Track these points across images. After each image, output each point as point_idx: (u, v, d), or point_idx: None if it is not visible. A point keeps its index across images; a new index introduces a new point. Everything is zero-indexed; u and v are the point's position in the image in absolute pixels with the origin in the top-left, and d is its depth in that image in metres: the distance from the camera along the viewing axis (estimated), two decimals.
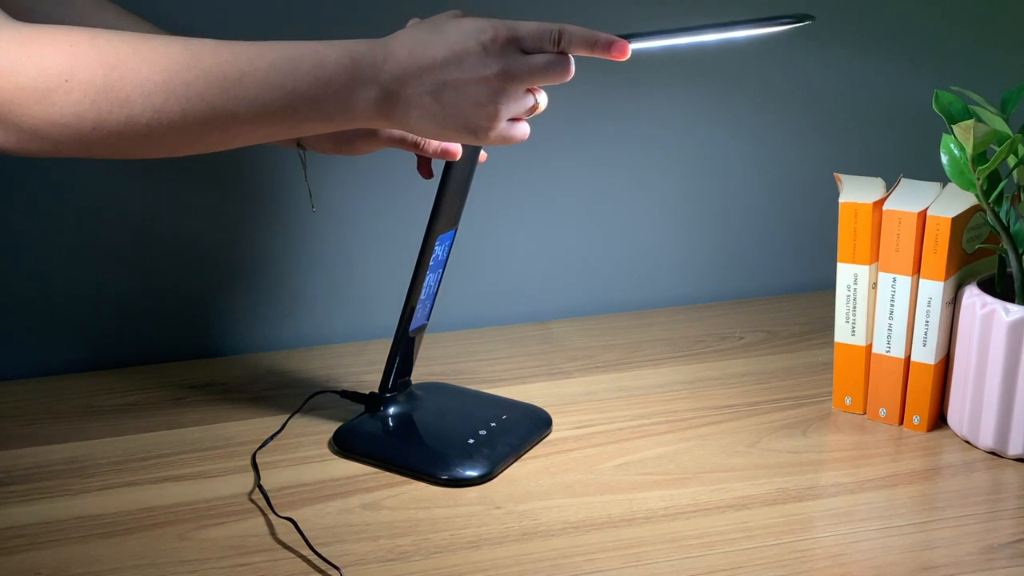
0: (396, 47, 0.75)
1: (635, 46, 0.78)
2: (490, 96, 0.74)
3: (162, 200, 1.11)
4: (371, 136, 0.89)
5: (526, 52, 0.75)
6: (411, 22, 0.79)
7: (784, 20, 0.79)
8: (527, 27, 0.75)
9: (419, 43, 0.75)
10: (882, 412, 0.99)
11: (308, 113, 0.74)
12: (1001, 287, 0.95)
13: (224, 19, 1.06)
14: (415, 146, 0.89)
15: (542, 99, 0.79)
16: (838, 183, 1.00)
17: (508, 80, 0.74)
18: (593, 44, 0.76)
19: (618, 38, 0.76)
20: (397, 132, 0.89)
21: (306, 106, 0.73)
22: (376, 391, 0.97)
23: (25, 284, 1.10)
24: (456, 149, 0.89)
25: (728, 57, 1.18)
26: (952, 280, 0.95)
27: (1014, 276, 0.92)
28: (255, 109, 0.73)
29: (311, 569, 0.78)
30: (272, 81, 0.72)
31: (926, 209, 0.94)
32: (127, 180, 1.09)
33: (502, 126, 0.77)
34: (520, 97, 0.76)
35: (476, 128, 0.75)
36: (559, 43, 0.75)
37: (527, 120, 0.79)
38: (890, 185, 1.00)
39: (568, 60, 0.76)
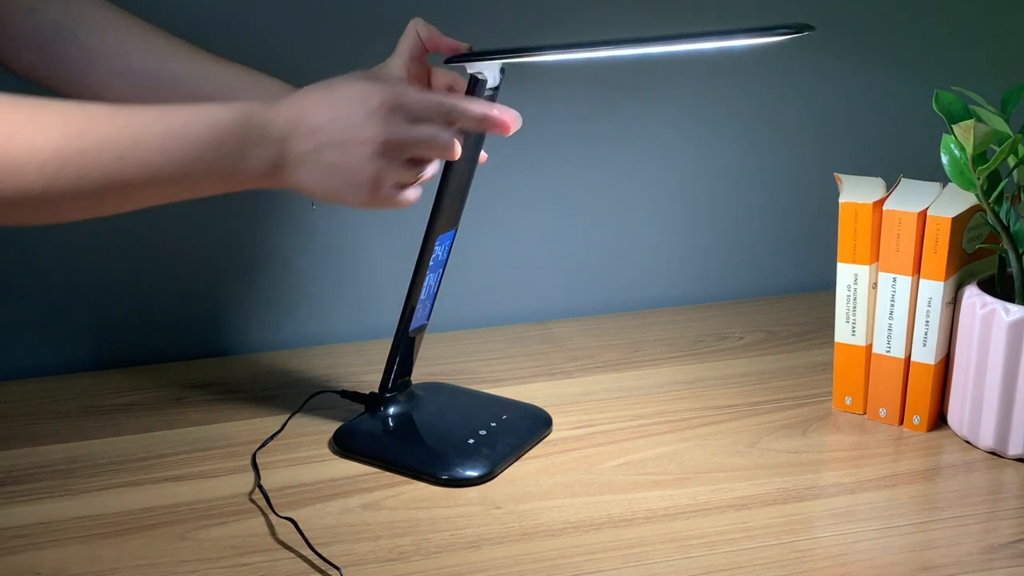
0: (286, 108, 0.76)
1: (631, 52, 0.79)
2: (369, 161, 0.76)
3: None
4: None
5: (414, 121, 0.76)
6: (308, 87, 0.80)
7: (782, 31, 0.79)
8: (416, 97, 0.76)
9: (309, 104, 0.76)
10: (882, 412, 0.99)
11: (201, 176, 0.74)
12: (1001, 287, 0.95)
13: (224, 19, 1.06)
14: None
15: (430, 170, 0.80)
16: (838, 183, 1.00)
17: (388, 148, 0.76)
18: (482, 121, 0.78)
19: (509, 116, 0.78)
20: None
21: (200, 169, 0.74)
22: (376, 391, 0.97)
23: (25, 284, 1.10)
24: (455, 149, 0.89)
25: (729, 58, 1.18)
26: (952, 280, 0.95)
27: (1014, 276, 0.92)
28: (149, 174, 0.73)
29: (311, 569, 0.78)
30: (166, 146, 0.73)
31: (926, 209, 0.94)
32: None
33: (385, 191, 0.78)
34: (402, 165, 0.77)
35: (358, 191, 0.77)
36: (449, 119, 0.77)
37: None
38: (890, 185, 1.00)
39: (454, 140, 0.78)
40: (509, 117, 0.79)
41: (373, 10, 1.08)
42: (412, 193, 0.80)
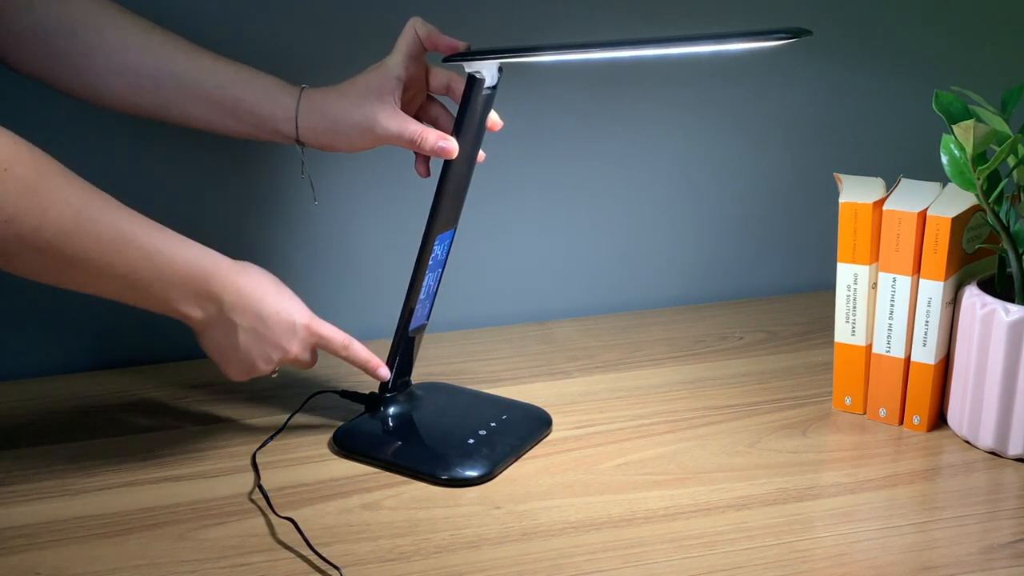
0: (249, 283, 0.87)
1: (629, 54, 0.80)
2: (267, 361, 0.89)
3: (162, 200, 1.10)
4: (368, 132, 0.89)
5: (310, 351, 0.92)
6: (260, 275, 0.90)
7: (780, 35, 0.79)
8: (328, 334, 0.91)
9: (268, 291, 0.88)
10: (882, 412, 0.99)
11: (154, 295, 0.84)
12: (1001, 287, 0.95)
13: (223, 18, 1.06)
14: (412, 143, 0.89)
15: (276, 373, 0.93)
16: (838, 183, 1.00)
17: (289, 358, 0.90)
18: (362, 365, 0.94)
19: (381, 367, 0.95)
20: (395, 128, 0.89)
21: (160, 289, 0.84)
22: (376, 391, 0.97)
23: (25, 284, 1.10)
24: (452, 147, 0.89)
25: (729, 59, 1.18)
26: (952, 280, 0.95)
27: (1014, 276, 0.92)
28: (126, 270, 0.81)
29: (311, 569, 0.78)
30: (152, 257, 0.82)
31: (926, 209, 0.94)
32: (127, 180, 1.08)
33: (249, 375, 0.91)
34: (277, 364, 0.90)
35: (239, 371, 0.90)
36: (343, 353, 0.93)
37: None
38: (890, 185, 1.00)
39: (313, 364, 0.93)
40: (383, 370, 0.95)
41: (372, 9, 1.08)
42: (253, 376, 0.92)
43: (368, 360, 0.93)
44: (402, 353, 0.96)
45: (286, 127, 0.91)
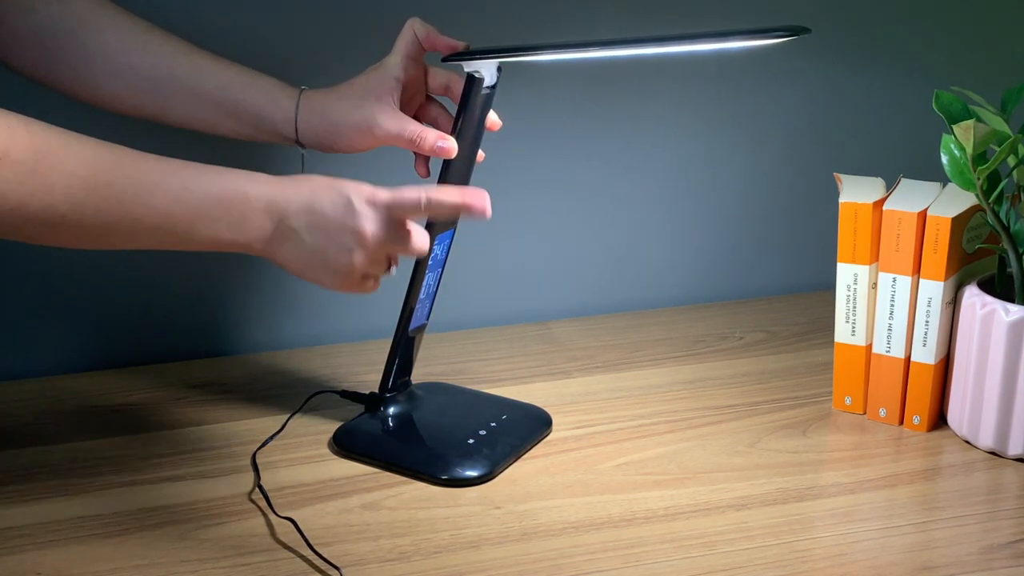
0: (291, 187, 0.80)
1: (628, 53, 0.80)
2: (350, 252, 0.80)
3: None
4: (368, 133, 0.90)
5: (398, 224, 0.81)
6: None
7: (779, 33, 0.79)
8: (404, 198, 0.80)
9: (311, 188, 0.81)
10: (882, 412, 0.99)
11: (203, 231, 0.79)
12: (1001, 287, 0.95)
13: (222, 19, 1.06)
14: (411, 143, 0.89)
15: (394, 269, 0.85)
16: (838, 183, 1.00)
17: (371, 244, 0.80)
18: (455, 209, 0.81)
19: (480, 200, 0.81)
20: (394, 128, 0.89)
21: (203, 225, 0.78)
22: (376, 391, 0.97)
23: (25, 284, 1.10)
24: (451, 147, 0.89)
25: (729, 58, 1.18)
26: (952, 280, 0.95)
27: (1014, 276, 0.92)
28: (160, 220, 0.77)
29: (311, 569, 0.78)
30: (181, 196, 0.77)
31: (926, 209, 0.94)
32: None
33: (355, 280, 0.83)
34: (376, 261, 0.82)
35: (332, 276, 0.82)
36: (428, 213, 0.82)
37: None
38: (890, 185, 1.00)
39: (427, 243, 0.83)
40: (481, 201, 0.82)
41: (371, 9, 1.08)
42: (376, 285, 0.85)
43: (462, 199, 0.81)
44: (402, 353, 0.96)
45: (286, 128, 0.91)
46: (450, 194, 0.81)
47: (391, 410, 0.97)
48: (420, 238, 0.82)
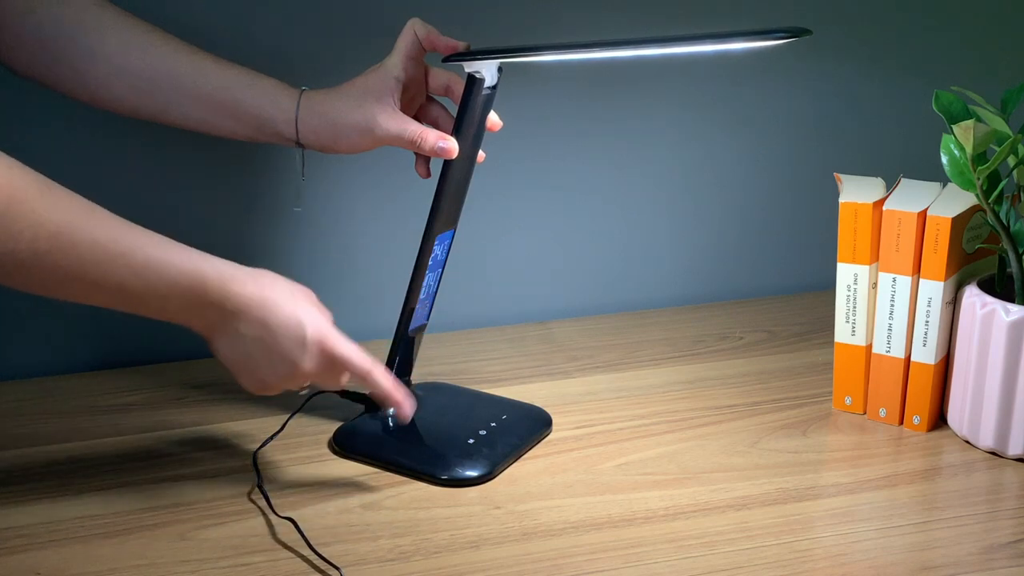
0: (251, 287, 0.81)
1: (629, 54, 0.79)
2: (281, 375, 0.83)
3: (162, 200, 1.10)
4: (368, 133, 0.90)
5: (332, 368, 0.83)
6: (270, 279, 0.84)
7: (779, 35, 0.79)
8: (345, 351, 0.83)
9: (270, 298, 0.82)
10: (882, 412, 0.99)
11: (154, 306, 0.80)
12: (1001, 287, 0.95)
13: (223, 19, 1.06)
14: (412, 144, 0.89)
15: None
16: (838, 183, 1.00)
17: (303, 374, 0.83)
18: (384, 399, 0.86)
19: (407, 406, 0.87)
20: (394, 129, 0.89)
21: (155, 301, 0.79)
22: None
23: None
24: (452, 147, 0.89)
25: (730, 58, 1.18)
26: (952, 280, 0.95)
27: (1014, 276, 0.92)
28: (117, 287, 0.77)
29: (311, 569, 0.78)
30: (142, 273, 0.77)
31: (926, 209, 0.94)
32: (127, 180, 1.09)
33: (270, 391, 0.85)
34: (293, 383, 0.84)
35: (252, 382, 0.84)
36: (365, 381, 0.85)
37: None
38: (890, 185, 1.00)
39: (342, 385, 0.86)
40: (408, 411, 0.87)
41: (371, 10, 1.08)
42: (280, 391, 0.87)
43: (392, 393, 0.86)
44: (402, 353, 0.96)
45: (286, 129, 0.91)
46: (390, 386, 0.85)
47: (391, 410, 0.96)
48: (341, 382, 0.86)
